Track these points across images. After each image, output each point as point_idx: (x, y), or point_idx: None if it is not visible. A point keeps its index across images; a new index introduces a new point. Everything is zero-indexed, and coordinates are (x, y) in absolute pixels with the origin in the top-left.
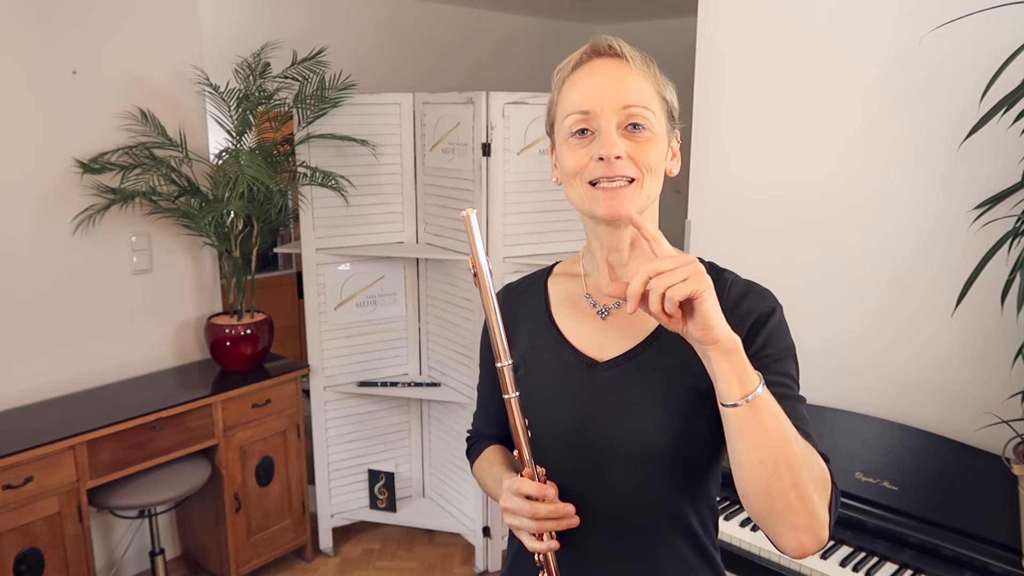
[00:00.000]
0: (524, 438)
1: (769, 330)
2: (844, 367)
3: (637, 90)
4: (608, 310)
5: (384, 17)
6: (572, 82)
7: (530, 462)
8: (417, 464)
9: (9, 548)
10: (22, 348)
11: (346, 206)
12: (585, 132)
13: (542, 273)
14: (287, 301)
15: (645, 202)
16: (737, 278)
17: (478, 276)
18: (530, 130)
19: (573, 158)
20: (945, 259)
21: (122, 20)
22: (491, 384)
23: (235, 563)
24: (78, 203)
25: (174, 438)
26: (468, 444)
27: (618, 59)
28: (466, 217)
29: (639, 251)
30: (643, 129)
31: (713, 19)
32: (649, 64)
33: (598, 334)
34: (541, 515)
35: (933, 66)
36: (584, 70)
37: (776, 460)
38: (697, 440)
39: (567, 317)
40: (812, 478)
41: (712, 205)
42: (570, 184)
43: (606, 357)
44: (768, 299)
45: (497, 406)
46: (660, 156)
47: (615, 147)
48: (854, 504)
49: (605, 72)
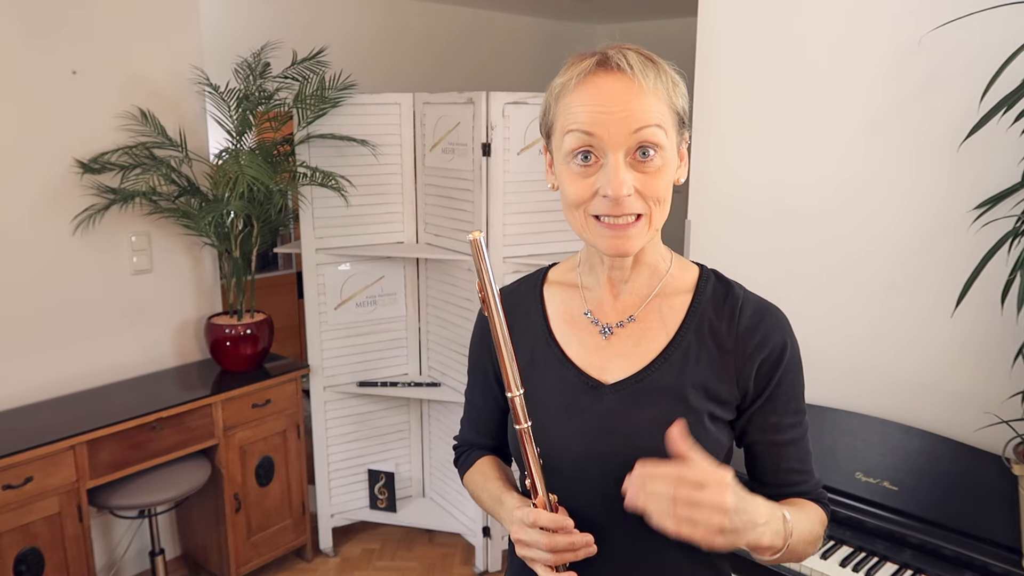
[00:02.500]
0: (537, 467)
1: (786, 366)
2: (844, 367)
3: (647, 115)
4: (611, 329)
5: (384, 17)
6: (573, 99)
7: (544, 491)
8: (417, 464)
9: (9, 548)
10: (22, 348)
11: (346, 206)
12: (589, 157)
13: (536, 280)
14: (287, 301)
15: (652, 235)
16: (748, 294)
17: (486, 304)
18: (530, 130)
19: (575, 189)
20: (945, 259)
21: (122, 20)
22: (482, 393)
23: (235, 563)
24: (78, 203)
25: (174, 438)
26: (457, 453)
27: (626, 76)
28: (474, 241)
29: (642, 266)
30: (653, 157)
31: (713, 19)
32: (659, 73)
33: (600, 354)
34: (560, 547)
35: (933, 66)
36: (588, 87)
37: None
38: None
39: (568, 334)
40: (820, 534)
41: (712, 206)
42: (570, 212)
43: (611, 379)
44: (783, 324)
45: (489, 416)
46: (669, 184)
47: (624, 186)
48: (854, 504)
49: (612, 92)
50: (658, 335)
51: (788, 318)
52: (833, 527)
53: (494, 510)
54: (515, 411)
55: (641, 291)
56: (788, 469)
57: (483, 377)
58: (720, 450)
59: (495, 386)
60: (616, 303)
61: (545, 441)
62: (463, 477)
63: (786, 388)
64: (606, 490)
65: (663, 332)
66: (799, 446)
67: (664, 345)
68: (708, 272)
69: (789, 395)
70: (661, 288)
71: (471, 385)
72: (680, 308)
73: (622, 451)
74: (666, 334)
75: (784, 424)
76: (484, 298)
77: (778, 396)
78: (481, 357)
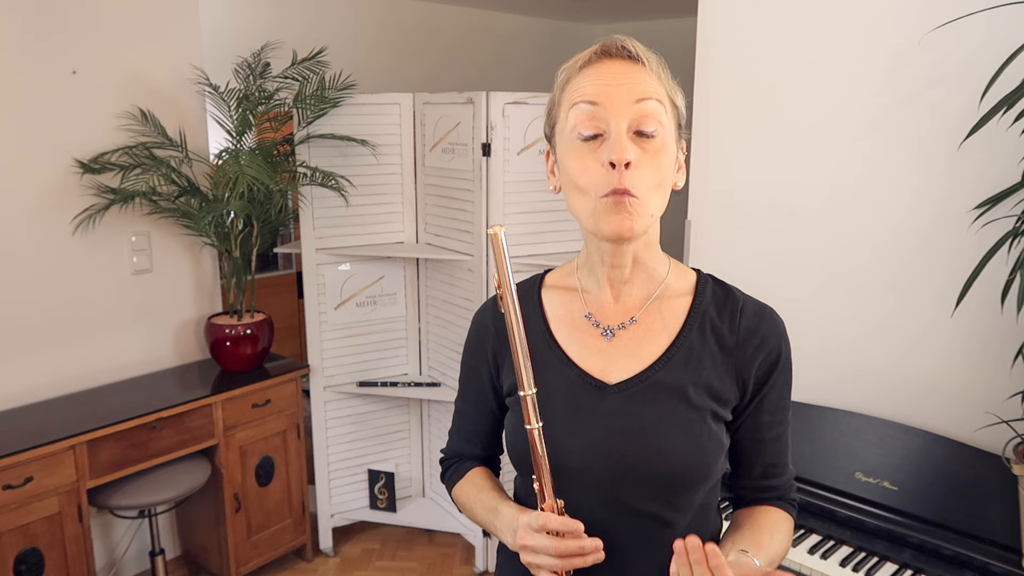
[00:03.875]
0: (546, 470)
1: (780, 369)
2: (844, 367)
3: (649, 85)
4: (613, 331)
5: (384, 17)
6: (579, 78)
7: (552, 495)
8: (417, 464)
9: (9, 548)
10: (22, 348)
11: (346, 206)
12: (593, 139)
13: (532, 284)
14: (287, 301)
15: (650, 222)
16: (746, 297)
17: (504, 300)
18: (530, 130)
19: (580, 166)
20: (945, 259)
21: (122, 20)
22: (475, 400)
23: (235, 563)
24: (78, 203)
25: (174, 438)
26: (444, 466)
27: (631, 61)
28: (495, 235)
29: (641, 267)
30: (654, 136)
31: (713, 19)
32: (663, 68)
33: (602, 355)
34: (569, 552)
35: (933, 66)
36: (593, 67)
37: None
38: (711, 459)
39: (568, 337)
40: (790, 542)
41: (712, 206)
42: (575, 195)
43: (613, 379)
44: (780, 327)
45: (481, 424)
46: (668, 171)
47: (626, 151)
48: (854, 504)
49: (616, 70)
50: (659, 336)
51: (784, 320)
52: (833, 527)
53: (488, 521)
54: (526, 410)
55: (641, 293)
56: (770, 463)
57: (476, 384)
58: (722, 448)
59: (489, 392)
60: (617, 305)
61: (550, 442)
62: (451, 490)
63: (778, 389)
64: (610, 490)
65: (664, 333)
66: (781, 441)
67: (667, 345)
68: (705, 276)
69: (780, 395)
70: (661, 291)
71: (463, 394)
72: (681, 310)
73: (627, 450)
74: (668, 335)
75: (773, 422)
76: (502, 294)
77: (771, 396)
78: (477, 360)
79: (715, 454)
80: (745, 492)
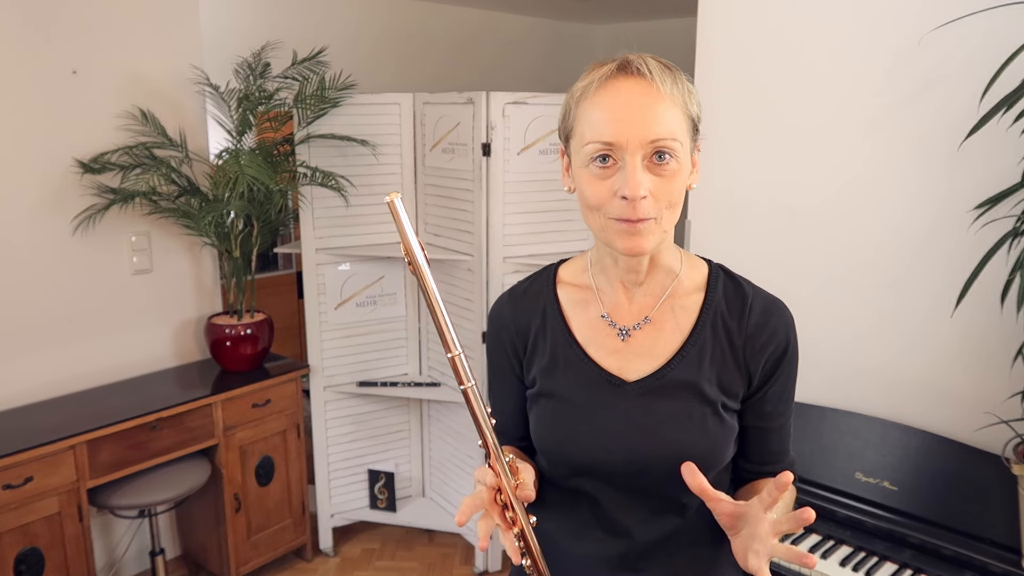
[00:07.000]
0: (488, 427)
1: (787, 362)
2: (845, 367)
3: (665, 121)
4: (628, 331)
5: (385, 17)
6: (594, 102)
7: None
8: (417, 464)
9: (9, 548)
10: (22, 348)
11: (346, 206)
12: (607, 159)
13: (547, 278)
14: (287, 301)
15: (663, 237)
16: (756, 290)
17: (413, 264)
18: (530, 130)
19: (594, 191)
20: (945, 259)
21: (122, 20)
22: (509, 394)
23: (235, 563)
24: (78, 203)
25: (174, 438)
26: None
27: (645, 80)
28: (391, 203)
29: (655, 267)
30: (668, 161)
31: (713, 19)
32: (676, 80)
33: (619, 355)
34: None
35: (933, 66)
36: (609, 91)
37: None
38: (723, 447)
39: (587, 336)
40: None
41: (713, 206)
42: (589, 214)
43: (632, 377)
44: (788, 320)
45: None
46: (682, 188)
47: (640, 187)
48: (854, 504)
49: (632, 97)
50: (673, 334)
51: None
52: (833, 527)
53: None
54: (456, 371)
55: (655, 292)
56: (772, 451)
57: (504, 376)
58: (733, 434)
59: (518, 382)
60: (631, 306)
61: (572, 439)
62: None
63: (784, 380)
64: (631, 480)
65: (677, 331)
66: (784, 430)
67: (680, 343)
68: (717, 269)
69: (786, 386)
70: (673, 288)
71: (496, 393)
72: (693, 307)
73: (646, 444)
74: (681, 333)
75: (777, 412)
76: (410, 260)
77: (776, 387)
78: (501, 358)
79: (727, 442)
80: (745, 474)
